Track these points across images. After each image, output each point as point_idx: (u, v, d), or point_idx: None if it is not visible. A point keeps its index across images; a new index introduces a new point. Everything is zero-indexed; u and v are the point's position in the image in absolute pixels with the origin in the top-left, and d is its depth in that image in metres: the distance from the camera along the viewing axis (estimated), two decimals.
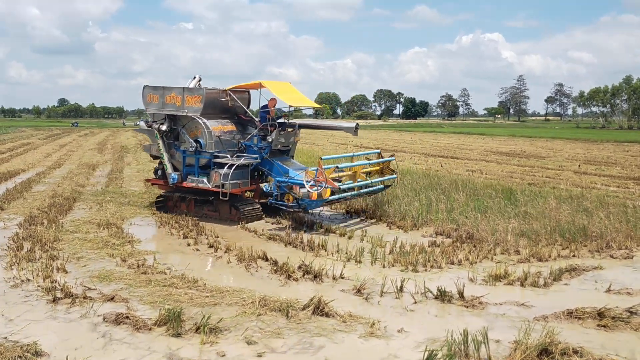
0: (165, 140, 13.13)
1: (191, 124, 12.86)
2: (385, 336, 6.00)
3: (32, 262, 8.67)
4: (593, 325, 6.24)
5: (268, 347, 5.71)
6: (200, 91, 12.78)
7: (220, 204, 12.59)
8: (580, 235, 10.21)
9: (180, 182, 12.92)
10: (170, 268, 8.58)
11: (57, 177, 20.06)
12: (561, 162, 26.74)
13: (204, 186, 12.53)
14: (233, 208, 12.50)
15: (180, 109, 12.85)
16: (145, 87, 13.51)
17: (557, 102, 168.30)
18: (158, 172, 13.67)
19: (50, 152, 32.74)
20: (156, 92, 13.25)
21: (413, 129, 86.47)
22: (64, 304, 6.89)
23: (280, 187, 11.83)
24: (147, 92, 13.42)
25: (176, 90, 12.98)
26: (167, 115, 13.05)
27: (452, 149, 36.16)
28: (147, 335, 5.94)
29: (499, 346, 5.66)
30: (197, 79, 13.54)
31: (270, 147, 12.72)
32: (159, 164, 13.65)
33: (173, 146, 13.19)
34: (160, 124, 13.03)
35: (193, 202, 13.08)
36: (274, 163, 12.75)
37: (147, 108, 13.48)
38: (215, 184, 12.26)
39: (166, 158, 13.09)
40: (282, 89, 13.29)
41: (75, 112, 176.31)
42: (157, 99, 13.20)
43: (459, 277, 7.95)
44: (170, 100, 12.99)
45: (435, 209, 12.30)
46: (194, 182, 12.73)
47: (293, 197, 11.67)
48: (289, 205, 11.78)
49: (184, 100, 12.80)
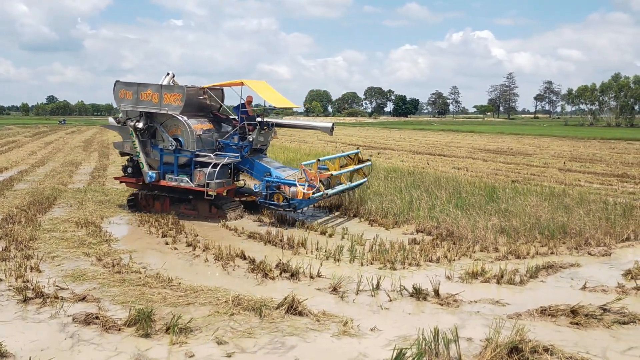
0: (141, 138, 12.89)
1: (170, 122, 12.68)
2: (358, 335, 5.96)
3: (6, 262, 8.56)
4: (566, 323, 6.23)
5: (238, 347, 5.65)
6: (180, 89, 12.57)
7: (200, 203, 12.51)
8: (560, 233, 10.22)
9: (157, 181, 12.75)
10: (146, 267, 8.50)
11: (40, 175, 19.87)
12: (547, 160, 26.81)
13: (187, 185, 12.39)
14: (214, 207, 12.43)
15: (158, 106, 12.60)
16: (117, 82, 13.17)
17: (546, 100, 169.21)
18: (127, 169, 13.49)
19: (36, 150, 32.45)
20: (130, 88, 12.94)
21: (403, 126, 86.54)
22: (35, 304, 6.80)
23: (270, 187, 11.82)
24: (120, 88, 13.08)
25: (152, 87, 12.72)
26: (143, 113, 12.79)
27: (440, 147, 36.19)
28: (115, 336, 5.86)
29: (471, 344, 5.64)
30: (171, 76, 13.43)
31: (251, 146, 12.71)
32: (128, 162, 13.51)
33: (149, 144, 12.97)
34: (136, 121, 12.73)
35: (168, 200, 12.98)
36: (254, 162, 12.77)
37: (119, 104, 13.19)
38: (199, 183, 12.14)
39: (142, 156, 12.88)
40: (262, 88, 13.24)
41: (64, 110, 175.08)
42: (130, 95, 12.89)
43: (437, 275, 7.93)
44: (146, 97, 12.71)
45: (417, 207, 12.27)
46: (175, 181, 12.56)
47: (283, 197, 11.70)
48: (279, 205, 11.80)
49: (161, 97, 12.54)
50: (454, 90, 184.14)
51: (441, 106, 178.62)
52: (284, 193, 11.69)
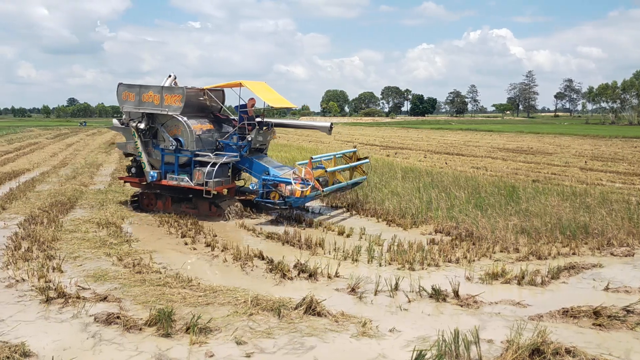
0: (143, 139, 13.14)
1: (171, 123, 12.93)
2: (377, 336, 5.94)
3: (29, 262, 8.67)
4: (588, 324, 6.14)
5: (257, 347, 5.66)
6: (180, 90, 12.81)
7: (200, 201, 12.78)
8: (581, 233, 10.10)
9: (159, 180, 13.00)
10: (166, 267, 8.56)
11: (61, 177, 20.11)
12: (568, 159, 26.51)
13: (186, 184, 12.63)
14: (213, 205, 12.68)
15: (159, 107, 12.86)
16: (120, 84, 13.43)
17: (566, 98, 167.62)
18: (132, 170, 13.74)
19: (57, 152, 32.87)
20: (132, 90, 13.19)
21: (420, 126, 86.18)
22: (57, 304, 6.88)
23: (266, 185, 12.01)
24: (123, 90, 13.35)
25: (154, 88, 12.97)
26: (145, 114, 13.05)
27: (459, 146, 35.97)
28: (136, 336, 5.91)
29: (491, 346, 5.59)
30: (173, 77, 13.67)
31: (250, 146, 12.98)
32: (132, 162, 13.75)
33: (151, 144, 13.22)
34: (138, 122, 13.00)
35: (170, 199, 13.26)
36: (253, 161, 13.02)
37: (122, 106, 13.43)
38: (198, 182, 12.39)
39: (144, 156, 13.14)
40: (261, 89, 13.44)
41: (85, 112, 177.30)
42: (133, 97, 13.14)
43: (456, 276, 7.87)
44: (147, 99, 12.96)
45: (436, 207, 12.20)
46: (175, 181, 12.81)
47: (279, 195, 11.87)
48: (275, 202, 12.03)
49: (162, 98, 12.81)
50: (472, 89, 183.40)
51: (459, 105, 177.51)
52: (281, 191, 11.85)
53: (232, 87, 13.60)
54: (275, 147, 29.56)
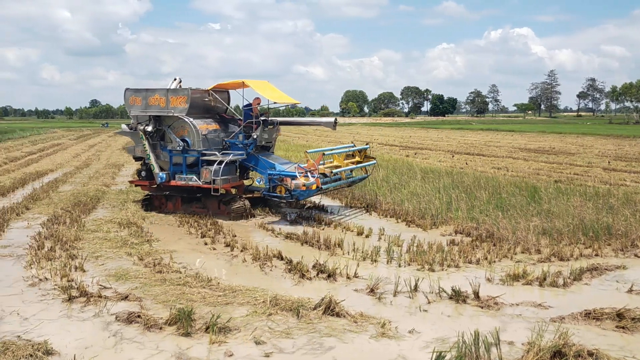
0: (151, 141, 13.26)
1: (177, 124, 13.09)
2: (396, 337, 5.91)
3: (52, 261, 8.81)
4: (611, 327, 6.05)
5: (276, 347, 5.68)
6: (185, 91, 12.98)
7: (209, 200, 12.94)
8: (604, 234, 9.94)
9: (168, 181, 13.13)
10: (186, 267, 8.64)
11: (84, 177, 20.39)
12: (591, 159, 26.13)
13: (194, 183, 12.77)
14: (222, 204, 12.79)
15: (165, 109, 13.03)
16: (127, 89, 13.58)
17: (589, 98, 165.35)
18: (142, 173, 13.87)
19: (79, 153, 33.33)
20: (139, 94, 13.34)
21: (440, 126, 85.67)
22: (79, 303, 6.97)
23: (272, 180, 12.23)
24: (130, 95, 13.49)
25: (160, 91, 13.14)
26: (152, 116, 13.19)
27: (479, 146, 35.67)
28: (157, 335, 5.96)
29: (512, 348, 5.53)
30: (178, 81, 13.84)
31: (255, 143, 13.18)
32: (142, 165, 13.88)
33: (159, 146, 13.35)
34: (146, 125, 13.15)
35: (180, 200, 13.42)
36: (259, 158, 13.21)
37: (130, 110, 13.58)
38: (206, 180, 12.54)
39: (152, 158, 13.26)
40: (264, 87, 13.66)
41: (107, 113, 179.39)
42: (139, 101, 13.29)
43: (476, 277, 7.81)
44: (154, 102, 13.12)
45: (456, 207, 12.12)
46: (183, 180, 12.94)
47: (285, 189, 12.06)
48: (282, 196, 12.23)
49: (168, 101, 12.97)
50: (493, 89, 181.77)
51: (480, 105, 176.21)
52: (286, 185, 12.02)
53: (235, 88, 13.89)
54: (289, 148, 29.63)
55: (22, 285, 7.77)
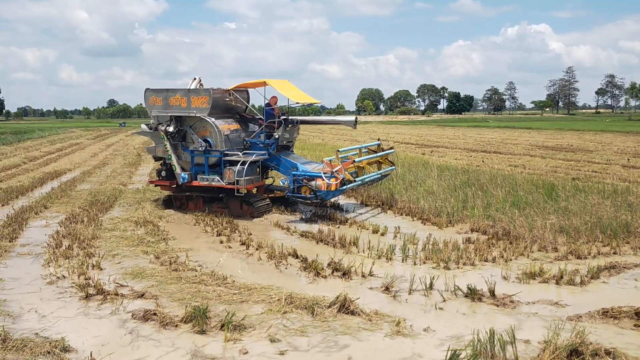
0: (172, 142, 13.27)
1: (199, 124, 13.09)
2: (411, 335, 5.90)
3: (69, 259, 8.91)
4: (630, 325, 5.97)
5: (291, 345, 5.69)
6: (207, 92, 12.98)
7: (231, 200, 12.94)
8: (623, 232, 9.82)
9: (189, 182, 13.13)
10: (202, 265, 8.69)
11: (101, 176, 20.60)
12: (609, 156, 25.79)
13: (217, 184, 12.78)
14: (244, 204, 12.81)
15: (186, 109, 13.04)
16: (147, 90, 13.60)
17: (608, 94, 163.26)
18: (162, 173, 13.88)
19: (97, 152, 33.66)
20: (159, 94, 13.36)
21: (457, 124, 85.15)
22: (96, 301, 7.05)
23: (297, 181, 12.16)
24: (150, 95, 13.50)
25: (180, 92, 13.14)
26: (173, 117, 13.18)
27: (496, 144, 35.40)
28: (172, 332, 6.01)
29: (528, 347, 5.48)
30: (198, 80, 13.81)
31: (277, 143, 13.14)
32: (162, 165, 13.90)
33: (180, 147, 13.35)
34: (167, 125, 13.16)
35: (201, 200, 13.43)
36: (280, 158, 13.19)
37: (150, 111, 13.59)
38: (229, 181, 12.56)
39: (174, 159, 13.26)
40: (284, 87, 13.64)
41: (124, 113, 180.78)
42: (160, 101, 13.32)
43: (492, 275, 7.76)
44: (174, 102, 13.14)
45: (472, 205, 12.04)
46: (206, 181, 12.96)
47: (310, 189, 12.02)
48: (307, 197, 12.16)
49: (189, 101, 12.98)
50: (510, 86, 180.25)
51: (497, 102, 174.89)
52: (311, 185, 12.02)
53: (256, 87, 13.89)
54: (307, 147, 29.66)
55: (40, 283, 7.88)
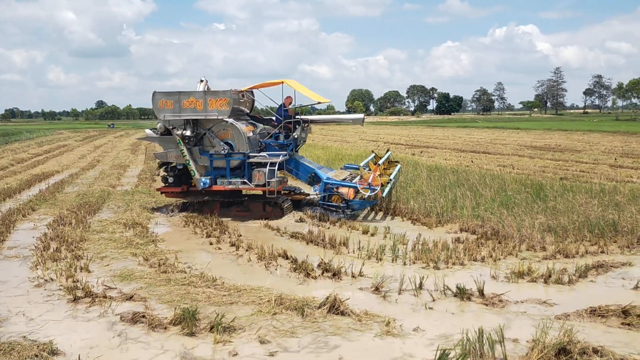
0: (188, 146, 12.93)
1: (218, 127, 12.81)
2: (401, 335, 5.90)
3: (57, 262, 8.85)
4: (617, 324, 6.02)
5: (281, 346, 5.68)
6: (226, 93, 12.62)
7: (253, 203, 12.87)
8: (610, 231, 9.89)
9: (210, 186, 12.82)
10: (191, 267, 8.65)
11: (90, 178, 20.47)
12: (597, 156, 26.01)
13: (246, 187, 12.67)
14: (268, 205, 12.75)
15: (203, 112, 12.63)
16: (156, 93, 12.97)
17: (596, 94, 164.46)
18: (168, 179, 13.41)
19: (85, 154, 33.45)
20: (170, 97, 12.83)
21: (446, 124, 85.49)
22: (84, 304, 6.99)
23: (328, 189, 12.32)
24: (159, 98, 12.89)
25: (195, 94, 12.75)
26: (190, 120, 12.81)
27: (485, 144, 35.58)
28: (161, 335, 5.97)
29: (517, 345, 5.51)
30: (205, 82, 13.54)
31: (295, 144, 13.14)
32: (168, 172, 13.42)
33: (198, 151, 12.98)
34: (183, 129, 12.80)
35: (219, 205, 13.16)
36: (299, 162, 13.23)
37: (159, 114, 13.02)
38: (259, 183, 12.41)
39: (192, 164, 12.88)
40: (299, 86, 13.57)
41: (113, 114, 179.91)
42: (171, 104, 12.81)
43: (481, 274, 7.79)
44: (188, 105, 12.70)
45: (461, 205, 12.09)
46: (231, 185, 12.75)
47: (341, 199, 12.14)
48: (338, 206, 12.26)
49: (206, 103, 12.59)
50: (498, 87, 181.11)
51: (486, 103, 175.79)
52: (342, 194, 12.17)
53: (271, 86, 13.78)
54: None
55: (28, 286, 7.81)
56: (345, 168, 15.10)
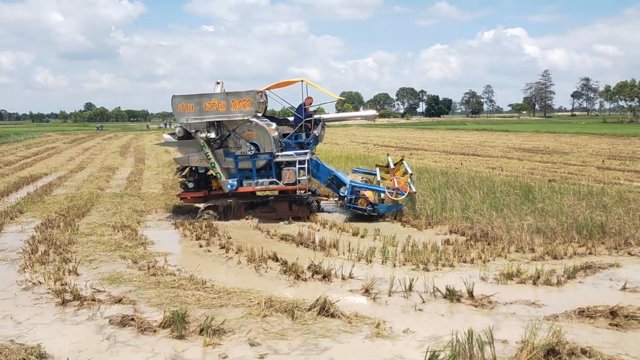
0: (211, 148, 12.66)
1: (243, 128, 12.66)
2: (391, 336, 5.91)
3: (45, 265, 8.78)
4: (605, 325, 6.07)
5: (271, 348, 5.67)
6: (249, 94, 12.48)
7: (278, 203, 12.93)
8: (598, 232, 9.97)
9: (236, 189, 12.73)
10: (180, 269, 8.61)
11: (78, 181, 20.34)
12: (585, 158, 26.22)
13: (276, 187, 12.67)
14: (294, 204, 12.82)
15: (226, 114, 12.48)
16: (175, 96, 12.66)
17: (583, 97, 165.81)
18: (188, 184, 13.18)
19: (74, 156, 33.24)
20: (190, 100, 12.57)
21: (436, 126, 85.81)
22: (73, 307, 6.94)
23: (355, 192, 12.51)
24: (179, 102, 12.60)
25: (217, 96, 12.59)
26: (214, 122, 12.57)
27: (474, 147, 35.75)
28: (150, 338, 5.94)
29: (506, 346, 5.54)
30: (222, 84, 13.41)
31: (316, 142, 13.30)
32: (188, 176, 13.22)
33: (223, 153, 12.77)
34: (207, 132, 12.54)
35: (243, 206, 13.05)
36: (319, 163, 13.35)
37: (180, 118, 12.70)
38: (289, 181, 12.48)
39: (218, 166, 12.69)
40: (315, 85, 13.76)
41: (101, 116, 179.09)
42: (192, 107, 12.55)
43: (471, 276, 7.82)
44: (210, 107, 12.48)
45: (450, 207, 12.13)
46: (259, 185, 12.70)
47: (367, 202, 12.35)
48: (364, 209, 12.43)
49: (228, 104, 12.44)
50: (487, 89, 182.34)
51: (475, 105, 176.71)
52: (368, 198, 12.44)
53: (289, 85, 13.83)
54: None
55: (15, 289, 7.74)
56: (354, 172, 15.30)
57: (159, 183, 19.21)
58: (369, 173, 15.38)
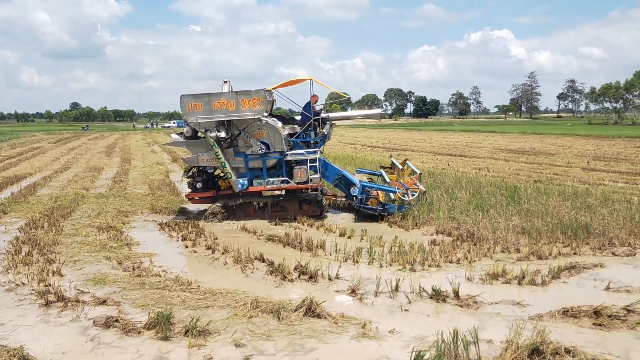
0: (221, 148, 12.58)
1: (253, 126, 12.60)
2: (377, 337, 5.91)
3: (29, 266, 8.69)
4: (589, 324, 6.11)
5: (257, 349, 5.65)
6: (259, 93, 12.40)
7: (289, 202, 12.89)
8: (583, 233, 10.04)
9: (247, 188, 12.70)
10: (166, 270, 8.56)
11: (63, 181, 20.16)
12: (570, 159, 26.43)
13: (288, 185, 12.65)
14: (304, 203, 12.82)
15: (236, 113, 12.39)
16: (184, 96, 12.51)
17: (569, 99, 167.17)
18: (197, 185, 13.17)
19: (59, 156, 32.95)
20: (199, 100, 12.44)
21: (423, 127, 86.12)
22: (56, 308, 6.88)
23: (366, 192, 12.54)
24: (187, 101, 12.48)
25: (226, 95, 12.48)
26: (224, 122, 12.48)
27: (461, 147, 35.91)
28: (135, 339, 5.90)
29: (491, 346, 5.56)
30: (229, 83, 13.32)
31: (324, 141, 13.28)
32: (196, 177, 13.17)
33: (233, 152, 12.72)
34: (217, 131, 12.44)
35: (252, 206, 13.02)
36: (327, 162, 13.34)
37: (189, 118, 12.58)
38: (301, 180, 12.51)
39: (228, 166, 12.62)
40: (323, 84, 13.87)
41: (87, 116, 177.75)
42: (201, 107, 12.42)
43: (457, 276, 7.84)
44: (219, 106, 12.37)
45: (437, 208, 12.17)
46: (271, 184, 12.67)
47: (377, 201, 12.42)
48: (375, 208, 12.48)
49: (238, 103, 12.37)
50: (474, 91, 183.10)
51: (462, 107, 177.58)
52: (378, 197, 12.49)
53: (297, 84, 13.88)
54: None
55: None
56: (358, 172, 15.42)
57: (145, 183, 19.08)
58: (373, 173, 15.51)
